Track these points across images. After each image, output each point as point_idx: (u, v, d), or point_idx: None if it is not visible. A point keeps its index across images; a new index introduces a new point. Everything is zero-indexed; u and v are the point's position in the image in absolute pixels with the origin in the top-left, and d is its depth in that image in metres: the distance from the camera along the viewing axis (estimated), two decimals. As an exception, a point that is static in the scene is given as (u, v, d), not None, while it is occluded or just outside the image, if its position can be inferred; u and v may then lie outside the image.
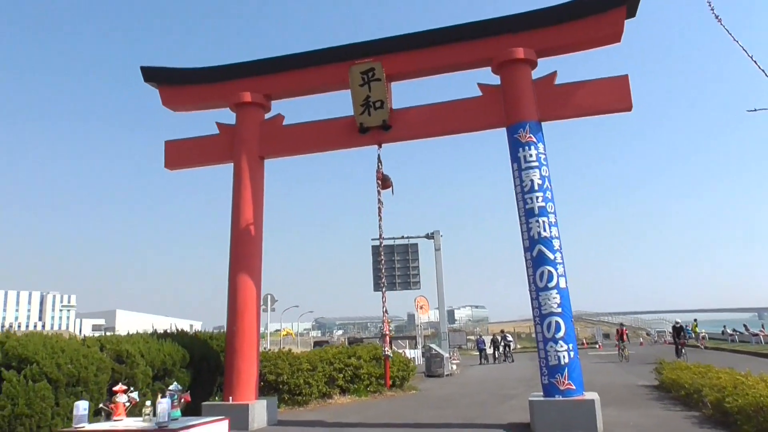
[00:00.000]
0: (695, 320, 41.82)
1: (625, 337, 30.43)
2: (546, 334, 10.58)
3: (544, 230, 10.85)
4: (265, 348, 31.02)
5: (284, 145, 13.00)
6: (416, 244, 29.32)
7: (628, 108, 11.14)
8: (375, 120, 12.25)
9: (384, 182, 12.25)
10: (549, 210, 10.98)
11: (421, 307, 35.60)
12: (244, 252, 12.67)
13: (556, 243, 10.86)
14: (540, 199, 10.97)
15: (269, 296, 30.01)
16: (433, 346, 25.78)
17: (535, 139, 11.22)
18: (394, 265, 28.88)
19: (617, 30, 11.10)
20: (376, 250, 29.05)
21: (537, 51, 11.65)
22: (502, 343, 35.03)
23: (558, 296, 10.60)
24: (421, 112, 12.23)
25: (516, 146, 11.32)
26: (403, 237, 29.08)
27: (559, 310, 10.56)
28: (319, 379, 15.37)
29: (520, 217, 11.23)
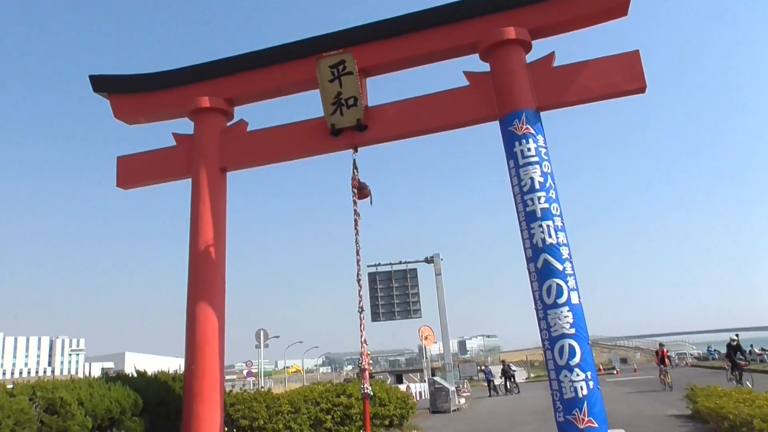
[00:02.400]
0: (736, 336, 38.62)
1: (667, 359, 26.02)
2: (558, 360, 8.77)
3: (550, 236, 9.11)
4: (259, 387, 28.97)
5: (248, 154, 11.38)
6: (415, 269, 27.54)
7: (642, 88, 9.50)
8: (348, 120, 10.64)
9: (360, 191, 10.59)
10: (554, 212, 9.26)
11: (426, 338, 33.64)
12: (204, 277, 10.95)
13: (564, 251, 9.11)
14: (542, 199, 9.26)
15: (262, 331, 28.21)
16: (437, 378, 23.80)
17: (533, 131, 9.56)
18: (393, 293, 27.01)
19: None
20: (373, 277, 27.30)
21: (531, 31, 10.08)
22: (503, 373, 33.03)
23: (570, 314, 8.80)
24: (401, 108, 10.61)
25: (511, 140, 9.66)
26: (400, 262, 27.34)
27: (573, 331, 8.76)
28: (303, 423, 13.48)
29: (520, 222, 9.51)
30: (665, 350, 26.39)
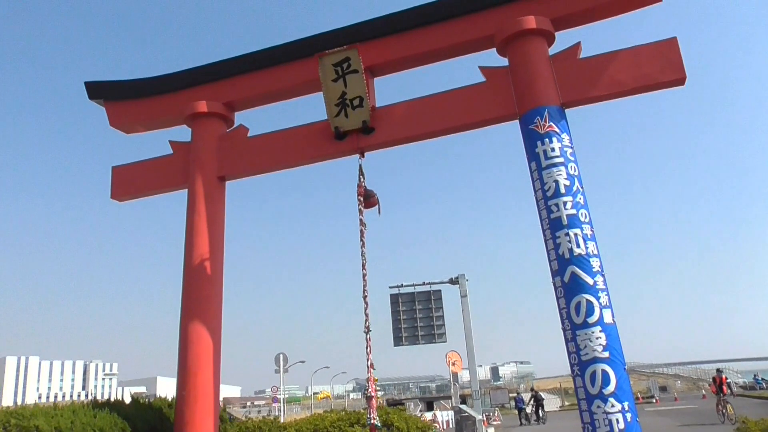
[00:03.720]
0: None
1: (725, 387, 22.89)
2: (589, 388, 7.61)
3: (577, 246, 8.00)
4: (272, 414, 27.87)
5: (246, 161, 10.55)
6: (439, 291, 26.31)
7: (680, 80, 8.42)
8: (353, 122, 9.75)
9: (367, 199, 9.64)
10: (582, 219, 8.16)
11: (454, 363, 32.33)
12: (199, 295, 10.08)
13: (595, 263, 8.00)
14: (568, 205, 8.18)
15: (282, 355, 27.24)
16: (463, 407, 22.47)
17: (557, 129, 8.53)
18: (416, 315, 25.81)
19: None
20: (395, 299, 26.17)
21: (553, 21, 9.11)
22: (532, 402, 31.40)
23: (602, 335, 7.66)
24: (410, 108, 9.68)
25: (533, 140, 8.64)
26: (424, 283, 26.18)
27: (606, 354, 7.60)
28: (311, 455, 12.40)
29: (543, 231, 8.44)
30: (724, 377, 23.70)
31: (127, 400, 11.20)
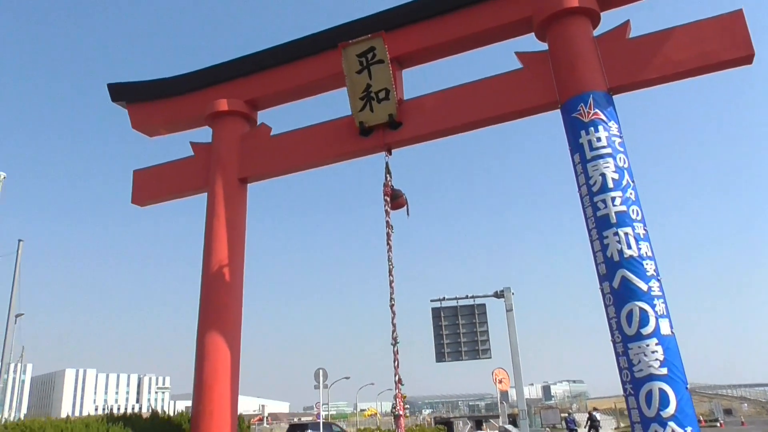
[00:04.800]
0: None
1: None
2: (645, 410, 6.62)
3: (629, 247, 7.03)
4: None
5: (268, 161, 9.97)
6: (484, 305, 25.10)
7: (747, 57, 7.40)
8: (379, 116, 9.03)
9: (394, 200, 8.88)
10: (633, 216, 7.19)
11: (501, 381, 30.97)
12: (217, 303, 9.48)
13: (649, 266, 7.01)
14: (617, 201, 7.23)
15: (321, 371, 26.41)
16: (508, 427, 21.27)
17: (603, 116, 7.60)
18: (459, 330, 24.65)
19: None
20: (437, 312, 25.14)
21: (598, -1, 8.21)
22: (588, 423, 29.74)
23: (659, 348, 6.65)
24: (441, 99, 8.91)
25: (576, 129, 7.73)
26: (467, 296, 25.06)
27: (663, 370, 6.59)
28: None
29: (589, 230, 7.51)
30: None
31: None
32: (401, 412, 7.85)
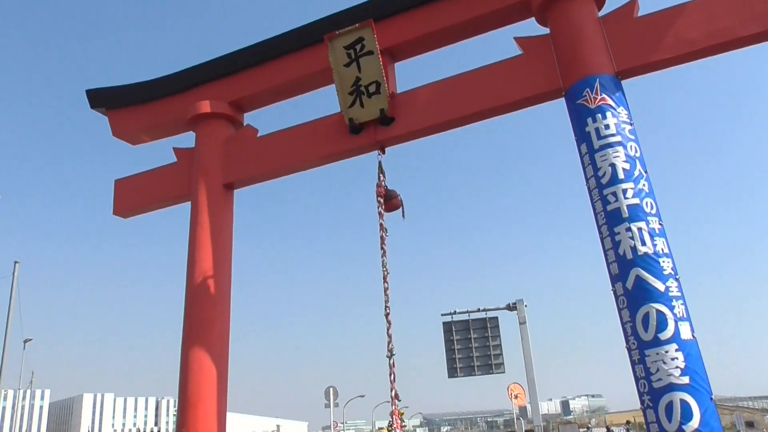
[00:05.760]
0: None
1: None
2: (665, 424, 5.88)
3: (643, 243, 6.33)
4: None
5: (254, 165, 9.35)
6: (496, 318, 24.36)
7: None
8: (370, 112, 8.41)
9: (388, 201, 8.28)
10: (647, 209, 6.50)
11: (516, 396, 30.13)
12: (201, 317, 8.84)
13: (666, 264, 6.30)
14: (629, 193, 6.55)
15: (331, 389, 25.77)
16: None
17: (611, 102, 6.94)
18: (471, 344, 23.89)
19: None
20: (448, 326, 24.40)
21: (602, -23, 7.58)
22: None
23: (680, 355, 5.92)
24: (435, 91, 8.29)
25: (582, 117, 7.07)
26: (479, 309, 24.32)
27: (685, 379, 5.86)
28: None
29: (599, 227, 6.82)
30: None
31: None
32: (398, 431, 7.16)
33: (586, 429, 36.63)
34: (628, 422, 33.34)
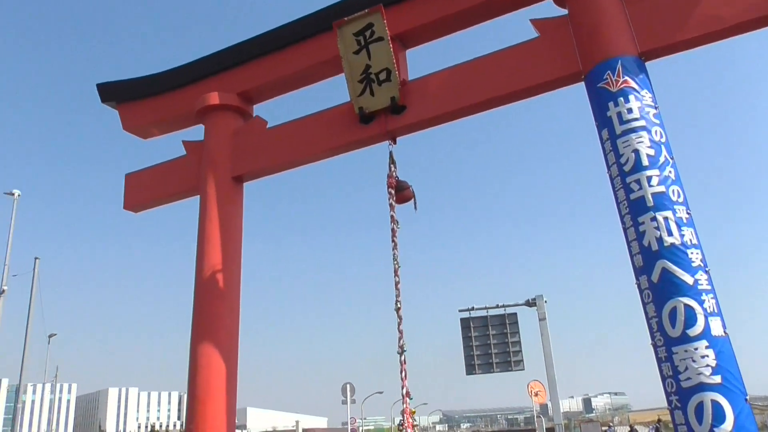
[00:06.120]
0: None
1: None
2: (695, 426, 5.51)
3: (669, 233, 5.96)
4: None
5: (263, 157, 9.11)
6: (515, 314, 23.94)
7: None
8: (380, 100, 8.11)
9: (399, 192, 7.98)
10: (674, 198, 6.12)
11: (536, 394, 29.72)
12: (210, 312, 8.63)
13: (694, 255, 5.92)
14: (654, 180, 6.17)
15: (348, 385, 25.59)
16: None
17: (634, 84, 6.56)
18: (489, 341, 23.49)
19: None
20: (466, 323, 24.04)
21: (623, -48, 7.18)
22: None
23: (710, 353, 5.54)
24: (448, 77, 7.96)
25: (603, 101, 6.70)
26: (497, 305, 23.90)
27: (716, 379, 5.48)
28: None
29: (622, 217, 6.45)
30: None
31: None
32: (409, 430, 6.86)
33: (608, 427, 36.01)
34: (659, 420, 32.36)
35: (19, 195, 20.94)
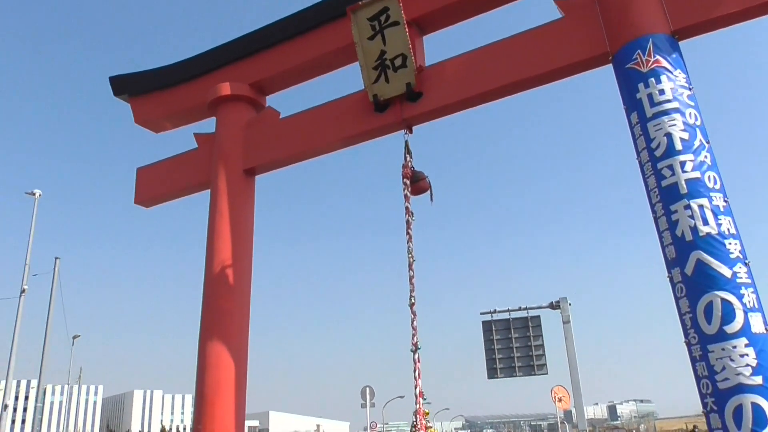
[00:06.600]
0: None
1: None
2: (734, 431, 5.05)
3: (705, 222, 5.51)
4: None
5: (275, 149, 8.82)
6: (538, 317, 23.36)
7: None
8: (395, 87, 7.77)
9: (415, 183, 7.62)
10: (710, 184, 5.67)
11: (560, 400, 29.03)
12: (220, 310, 8.35)
13: (732, 245, 5.46)
14: (689, 166, 5.73)
15: (368, 389, 25.20)
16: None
17: (666, 64, 6.13)
18: (512, 344, 22.96)
19: None
20: (488, 326, 23.53)
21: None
22: None
23: (750, 351, 5.09)
24: (467, 62, 7.59)
25: (632, 83, 6.28)
26: (520, 308, 23.36)
27: (757, 379, 5.02)
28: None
29: (653, 205, 6.02)
30: None
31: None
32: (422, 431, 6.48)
33: None
34: (695, 427, 31.23)
35: (40, 195, 20.99)
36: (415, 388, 6.52)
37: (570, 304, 22.36)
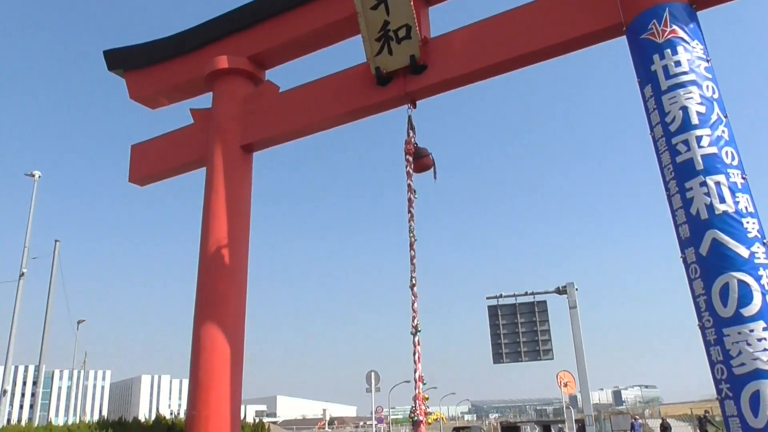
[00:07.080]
0: None
1: None
2: (750, 419, 4.84)
3: (721, 200, 5.22)
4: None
5: (273, 124, 8.54)
6: (544, 302, 23.09)
7: None
8: (399, 59, 7.46)
9: (418, 160, 7.34)
10: (727, 161, 5.37)
11: (566, 385, 28.87)
12: (214, 291, 8.13)
13: (750, 224, 5.18)
14: (705, 141, 5.42)
15: (373, 373, 25.07)
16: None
17: (683, 34, 5.80)
18: (518, 329, 22.73)
19: None
20: (494, 311, 23.30)
21: None
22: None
23: (769, 336, 4.81)
24: (474, 33, 7.26)
25: (647, 54, 5.95)
26: (526, 293, 23.11)
27: (777, 366, 4.75)
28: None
29: (666, 183, 5.72)
30: None
31: (250, 418, 10.25)
32: (421, 417, 6.24)
33: (635, 420, 34.98)
34: (706, 412, 30.93)
35: (39, 176, 20.78)
36: (415, 372, 6.28)
37: (576, 290, 22.10)
